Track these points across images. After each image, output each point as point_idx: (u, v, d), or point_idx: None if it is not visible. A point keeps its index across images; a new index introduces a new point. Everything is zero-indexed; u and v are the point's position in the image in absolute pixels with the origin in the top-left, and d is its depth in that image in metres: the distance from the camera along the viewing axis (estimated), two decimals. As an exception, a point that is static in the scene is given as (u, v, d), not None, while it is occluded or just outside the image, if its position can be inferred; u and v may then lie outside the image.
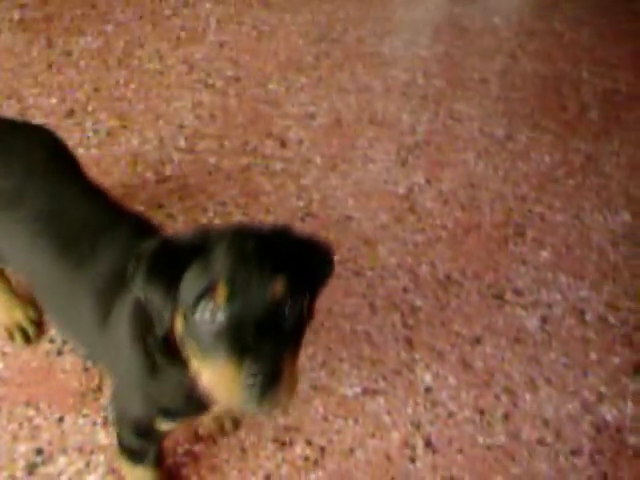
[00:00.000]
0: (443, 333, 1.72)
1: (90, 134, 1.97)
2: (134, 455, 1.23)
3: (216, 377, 0.83)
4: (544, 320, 1.78)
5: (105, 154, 1.93)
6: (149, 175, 1.91)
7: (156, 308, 0.90)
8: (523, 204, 2.04)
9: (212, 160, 1.97)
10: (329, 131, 2.12)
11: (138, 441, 1.19)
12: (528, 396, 1.63)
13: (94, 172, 1.84)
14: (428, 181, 2.06)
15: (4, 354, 1.52)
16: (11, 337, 1.54)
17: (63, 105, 2.03)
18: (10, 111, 1.97)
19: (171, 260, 0.88)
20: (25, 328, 1.54)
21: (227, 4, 2.45)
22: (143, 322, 0.99)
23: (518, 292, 1.83)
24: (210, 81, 2.18)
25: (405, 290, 1.79)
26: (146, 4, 2.37)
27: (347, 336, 1.67)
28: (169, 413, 1.08)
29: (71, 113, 2.01)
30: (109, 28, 2.27)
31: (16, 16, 2.25)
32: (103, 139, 1.96)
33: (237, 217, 1.86)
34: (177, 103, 2.09)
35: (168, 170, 1.93)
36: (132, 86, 2.12)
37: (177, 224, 1.81)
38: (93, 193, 1.28)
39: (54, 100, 2.03)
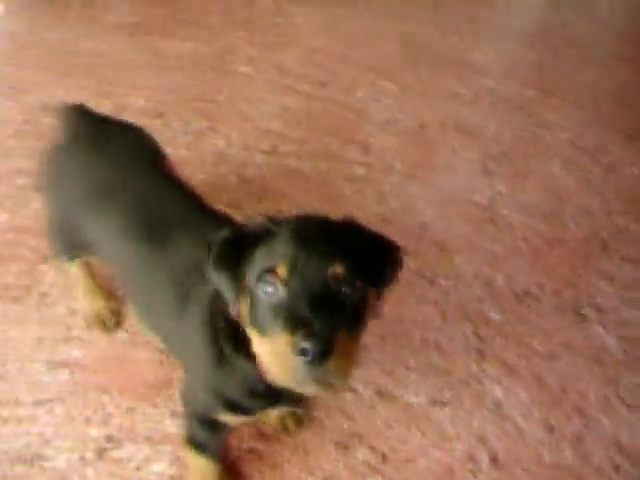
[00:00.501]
0: (517, 347, 1.68)
1: (179, 135, 2.05)
2: (198, 446, 1.28)
3: (272, 351, 0.85)
4: (625, 340, 1.71)
5: (192, 154, 2.00)
6: (231, 176, 1.96)
7: (225, 291, 0.93)
8: (610, 218, 1.97)
9: (294, 164, 2.01)
10: (412, 138, 2.12)
11: (203, 433, 1.23)
12: (602, 418, 1.57)
13: (180, 172, 1.92)
14: (511, 191, 2.02)
15: (84, 342, 1.61)
16: (90, 325, 1.62)
17: (155, 106, 2.11)
18: (104, 110, 2.07)
19: (239, 245, 0.92)
20: (104, 318, 1.62)
21: (321, 11, 2.48)
22: (216, 313, 1.03)
23: (599, 309, 1.77)
24: (298, 86, 2.22)
25: (479, 301, 1.76)
26: (242, 10, 2.44)
27: (416, 344, 1.67)
28: (233, 407, 1.10)
29: (162, 114, 2.09)
30: (203, 33, 2.35)
31: (116, 20, 2.36)
32: (191, 140, 2.04)
33: (314, 220, 1.88)
34: (264, 107, 2.14)
35: (250, 172, 1.98)
36: (223, 89, 2.18)
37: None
38: (180, 189, 1.33)
39: (146, 101, 2.12)
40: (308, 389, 0.86)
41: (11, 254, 1.77)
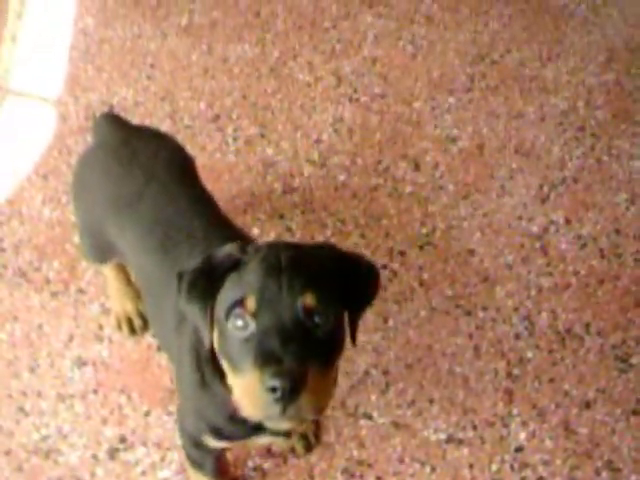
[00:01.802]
0: (550, 390, 1.63)
1: (230, 140, 2.08)
2: (194, 463, 1.30)
3: (243, 387, 0.86)
4: (670, 394, 1.62)
5: (240, 161, 2.03)
6: (277, 186, 1.98)
7: (197, 323, 0.96)
8: (673, 261, 1.87)
9: (341, 177, 2.00)
10: (468, 157, 2.07)
11: (196, 452, 1.25)
12: (635, 478, 1.50)
13: (226, 178, 1.96)
14: (568, 222, 1.95)
15: (111, 342, 1.67)
16: (119, 326, 1.69)
17: (210, 110, 2.15)
18: (161, 112, 2.13)
19: (209, 276, 0.93)
20: (132, 319, 1.67)
21: (388, 18, 2.46)
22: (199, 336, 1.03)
23: (646, 358, 1.69)
24: (355, 96, 2.20)
25: (517, 337, 1.71)
26: (307, 14, 2.44)
27: (443, 377, 1.64)
28: (217, 431, 1.12)
29: (216, 118, 2.13)
30: (268, 37, 2.37)
31: (184, 21, 2.41)
32: (240, 146, 2.06)
33: (354, 237, 1.87)
34: (318, 116, 2.14)
35: (296, 182, 1.98)
36: (278, 96, 2.19)
37: (294, 237, 1.86)
38: (203, 203, 1.35)
39: (203, 104, 2.16)
40: (280, 425, 0.91)
41: (55, 250, 1.84)
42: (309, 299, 0.86)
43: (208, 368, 1.04)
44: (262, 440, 1.16)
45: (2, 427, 1.55)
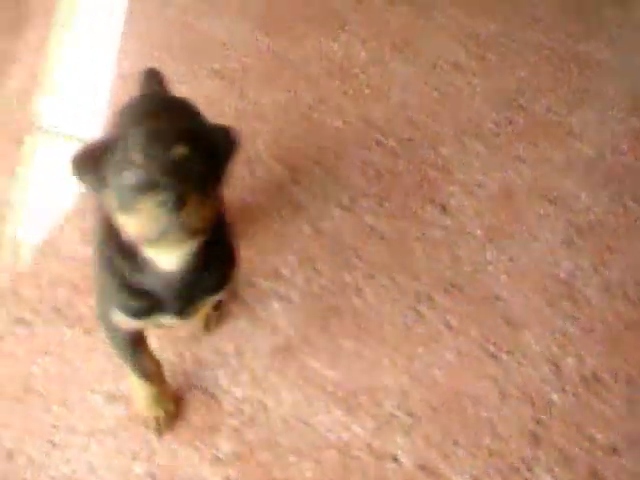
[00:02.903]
0: (576, 435, 1.66)
1: (260, 182, 2.16)
2: (119, 356, 1.53)
3: (140, 217, 1.06)
4: (698, 443, 1.64)
5: (270, 205, 2.11)
6: (306, 227, 2.05)
7: (92, 189, 1.20)
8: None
9: (370, 220, 2.07)
10: (495, 202, 2.13)
11: (116, 343, 1.48)
12: (661, 525, 1.52)
13: (256, 220, 2.03)
14: (594, 267, 1.99)
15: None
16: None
17: (243, 154, 2.23)
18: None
19: (97, 153, 1.16)
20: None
21: (416, 64, 2.55)
22: (104, 230, 1.29)
23: (675, 405, 1.71)
24: (384, 140, 2.28)
25: (543, 382, 1.75)
26: (337, 60, 2.54)
27: (469, 420, 1.68)
28: (122, 307, 1.33)
29: (248, 161, 2.21)
30: (300, 82, 2.47)
31: (217, 65, 2.51)
32: (272, 189, 2.15)
33: (382, 280, 1.93)
34: (348, 159, 2.22)
35: (326, 225, 2.06)
36: (309, 140, 2.28)
37: (322, 279, 1.93)
38: None
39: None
40: (173, 236, 1.08)
41: (89, 287, 1.92)
42: (182, 149, 1.08)
43: (109, 246, 1.27)
44: (165, 320, 1.35)
45: (33, 460, 1.61)
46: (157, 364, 1.60)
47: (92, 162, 1.15)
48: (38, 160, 2.32)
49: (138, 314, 1.33)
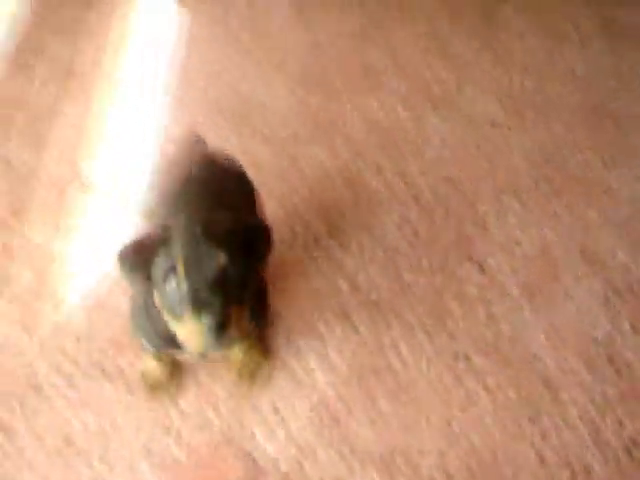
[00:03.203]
0: (616, 503, 1.64)
1: (299, 239, 2.21)
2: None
3: (186, 331, 1.18)
4: None
5: (308, 260, 2.15)
6: (344, 284, 2.08)
7: (140, 289, 1.33)
8: None
9: (407, 277, 2.09)
10: (532, 261, 2.14)
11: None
12: None
13: (294, 277, 2.07)
14: (634, 329, 1.99)
15: (179, 436, 1.76)
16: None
17: (282, 209, 2.29)
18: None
19: (141, 255, 1.25)
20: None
21: (454, 120, 2.59)
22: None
23: None
24: (422, 198, 2.32)
25: (582, 446, 1.74)
26: (374, 116, 2.59)
27: (507, 484, 1.67)
28: (151, 342, 1.53)
29: (287, 217, 2.26)
30: (338, 139, 2.53)
31: (259, 124, 2.58)
32: (309, 244, 2.19)
33: (420, 338, 1.95)
34: (385, 216, 2.26)
35: (362, 282, 2.09)
36: (346, 196, 2.33)
37: (359, 336, 1.95)
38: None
39: (274, 203, 2.30)
40: (215, 350, 1.28)
41: (130, 342, 1.97)
42: (222, 260, 1.17)
43: (147, 301, 1.39)
44: (188, 355, 1.53)
45: (74, 515, 1.65)
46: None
47: (140, 261, 1.25)
48: (82, 214, 2.39)
49: (161, 348, 1.53)
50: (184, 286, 1.16)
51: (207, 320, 1.13)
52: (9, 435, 1.85)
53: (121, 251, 1.28)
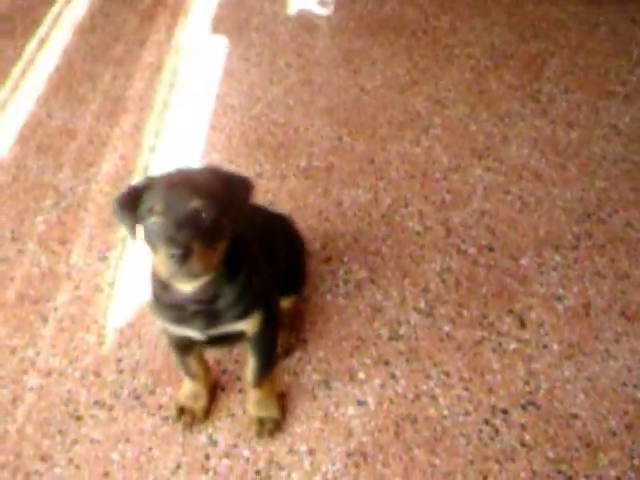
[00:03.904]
0: None
1: (340, 283, 2.24)
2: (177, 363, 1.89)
3: (158, 260, 1.40)
4: None
5: (349, 304, 2.18)
6: (383, 331, 2.11)
7: (127, 227, 1.50)
8: None
9: (447, 328, 2.12)
10: (573, 317, 2.15)
11: (169, 344, 1.87)
12: None
13: (335, 319, 2.10)
14: (675, 391, 1.98)
15: (216, 473, 1.79)
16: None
17: (323, 251, 2.33)
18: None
19: (133, 196, 1.45)
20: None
21: (497, 172, 2.62)
22: None
23: None
24: (463, 247, 2.34)
25: (620, 509, 1.73)
26: (419, 164, 2.64)
27: None
28: (162, 315, 1.66)
29: (328, 260, 2.30)
30: (381, 184, 2.57)
31: (303, 164, 2.64)
32: (351, 289, 2.22)
33: (457, 390, 1.96)
34: (427, 265, 2.28)
35: (402, 330, 2.11)
36: (389, 242, 2.36)
37: (397, 385, 1.97)
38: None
39: (317, 245, 2.34)
40: (179, 278, 1.44)
41: (169, 376, 2.01)
42: (196, 203, 1.37)
43: (152, 272, 1.62)
44: (194, 333, 1.65)
45: None
46: (205, 370, 1.94)
47: (130, 203, 1.46)
48: (127, 246, 2.45)
49: (169, 321, 1.65)
50: (160, 222, 1.38)
51: (172, 251, 1.34)
52: (48, 464, 1.89)
53: (117, 196, 1.49)
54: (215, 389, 1.99)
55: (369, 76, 3.13)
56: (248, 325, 1.70)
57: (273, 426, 1.90)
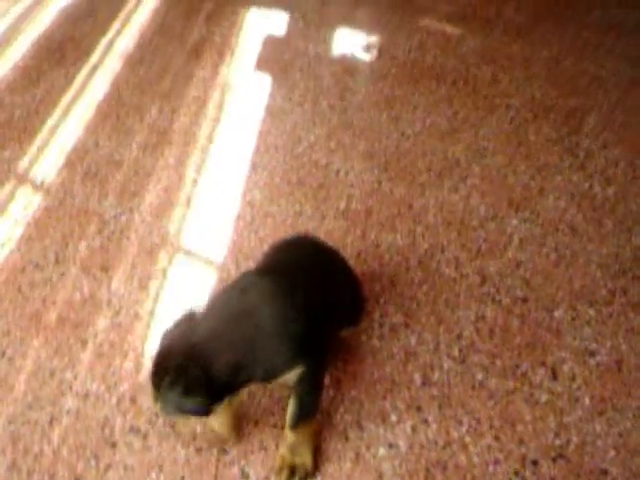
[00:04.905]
0: None
1: (375, 325, 2.28)
2: None
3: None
4: None
5: (383, 347, 2.22)
6: (416, 376, 2.14)
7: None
8: None
9: (479, 376, 2.14)
10: (606, 372, 2.17)
11: None
12: None
13: (369, 361, 2.14)
14: None
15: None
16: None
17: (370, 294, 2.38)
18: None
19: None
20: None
21: (534, 224, 2.66)
22: None
23: None
24: (498, 297, 2.38)
25: None
26: (457, 212, 2.69)
27: None
28: None
29: (365, 301, 2.34)
30: (418, 229, 2.62)
31: (342, 205, 2.70)
32: (385, 332, 2.26)
33: (488, 439, 1.99)
34: (461, 312, 2.32)
35: (435, 375, 2.14)
36: (424, 287, 2.40)
37: (429, 430, 2.00)
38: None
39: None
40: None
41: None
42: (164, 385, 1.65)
43: None
44: None
45: None
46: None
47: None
48: (167, 275, 2.51)
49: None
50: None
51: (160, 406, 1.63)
52: (82, 486, 1.93)
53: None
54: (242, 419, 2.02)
55: (410, 123, 3.20)
56: (291, 376, 1.73)
57: (303, 475, 1.90)
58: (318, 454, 1.97)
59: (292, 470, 1.90)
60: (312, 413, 1.90)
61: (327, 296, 1.89)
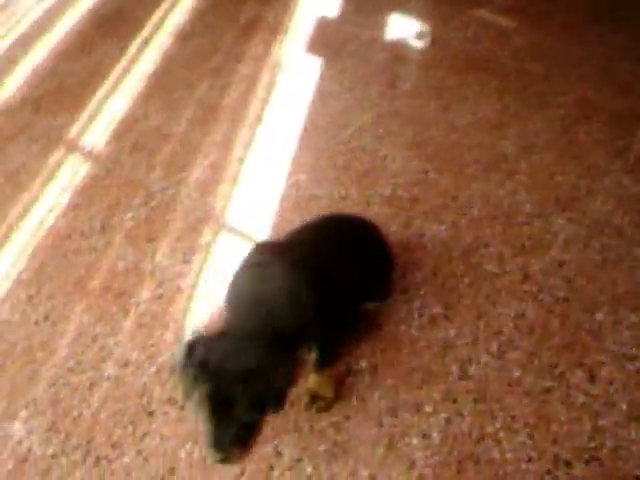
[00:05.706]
0: None
1: (415, 315, 2.28)
2: None
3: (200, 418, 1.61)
4: None
5: (422, 337, 2.22)
6: (454, 368, 2.14)
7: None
8: None
9: (517, 373, 2.14)
10: (645, 379, 2.16)
11: None
12: None
13: (406, 350, 2.15)
14: None
15: (284, 488, 1.84)
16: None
17: (401, 282, 2.38)
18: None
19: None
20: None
21: (580, 224, 2.64)
22: None
23: None
24: (540, 295, 2.36)
25: None
26: (503, 207, 2.67)
27: None
28: None
29: (405, 290, 2.35)
30: (463, 221, 2.61)
31: (387, 192, 2.70)
32: (424, 323, 2.26)
33: (522, 436, 1.99)
34: (502, 308, 2.31)
35: (472, 369, 2.14)
36: (466, 280, 2.40)
37: (463, 423, 2.00)
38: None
39: (396, 274, 2.39)
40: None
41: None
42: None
43: None
44: None
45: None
46: None
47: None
48: (210, 250, 2.53)
49: None
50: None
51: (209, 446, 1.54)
52: (118, 452, 1.97)
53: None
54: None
55: (459, 114, 3.18)
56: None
57: (324, 405, 2.04)
58: (352, 438, 1.99)
59: (313, 399, 2.05)
60: (331, 363, 2.03)
61: (350, 270, 1.94)
